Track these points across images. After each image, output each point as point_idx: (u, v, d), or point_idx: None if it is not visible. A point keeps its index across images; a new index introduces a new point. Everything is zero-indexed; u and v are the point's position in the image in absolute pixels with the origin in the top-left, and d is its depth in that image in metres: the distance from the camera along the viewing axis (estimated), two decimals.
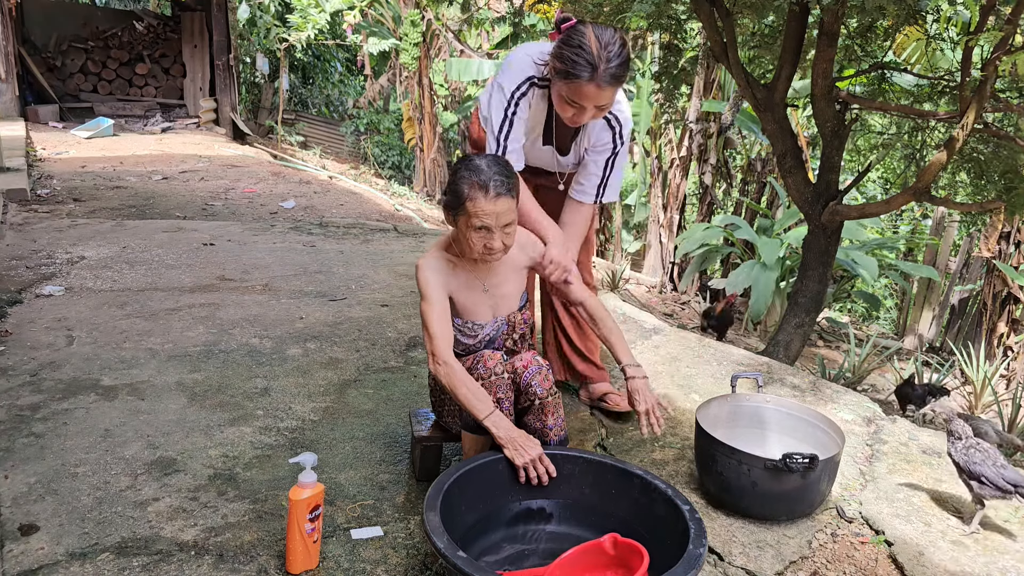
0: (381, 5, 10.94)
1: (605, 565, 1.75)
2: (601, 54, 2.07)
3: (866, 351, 4.51)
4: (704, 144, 7.58)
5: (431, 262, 2.15)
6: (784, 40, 3.65)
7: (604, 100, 2.15)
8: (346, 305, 3.92)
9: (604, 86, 2.10)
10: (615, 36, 2.11)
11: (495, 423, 1.97)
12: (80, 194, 6.54)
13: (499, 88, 2.33)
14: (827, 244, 3.85)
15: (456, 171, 2.04)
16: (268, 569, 1.86)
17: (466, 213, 2.00)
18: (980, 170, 3.89)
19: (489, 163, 2.02)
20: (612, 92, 2.14)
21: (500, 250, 2.06)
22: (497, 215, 1.99)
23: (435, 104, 10.77)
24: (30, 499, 2.09)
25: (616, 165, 2.46)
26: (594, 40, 2.07)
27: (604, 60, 2.07)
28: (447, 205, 2.06)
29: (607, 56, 2.07)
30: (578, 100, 2.14)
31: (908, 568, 1.99)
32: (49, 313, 3.53)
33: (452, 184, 2.03)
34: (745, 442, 2.24)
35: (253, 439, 2.49)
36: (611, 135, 2.40)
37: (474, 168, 2.01)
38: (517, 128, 2.35)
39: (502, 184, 1.99)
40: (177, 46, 12.34)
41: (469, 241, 2.04)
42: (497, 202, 1.98)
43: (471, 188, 1.98)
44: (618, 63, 2.09)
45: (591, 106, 2.16)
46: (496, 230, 2.01)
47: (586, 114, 2.19)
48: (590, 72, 2.08)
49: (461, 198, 2.00)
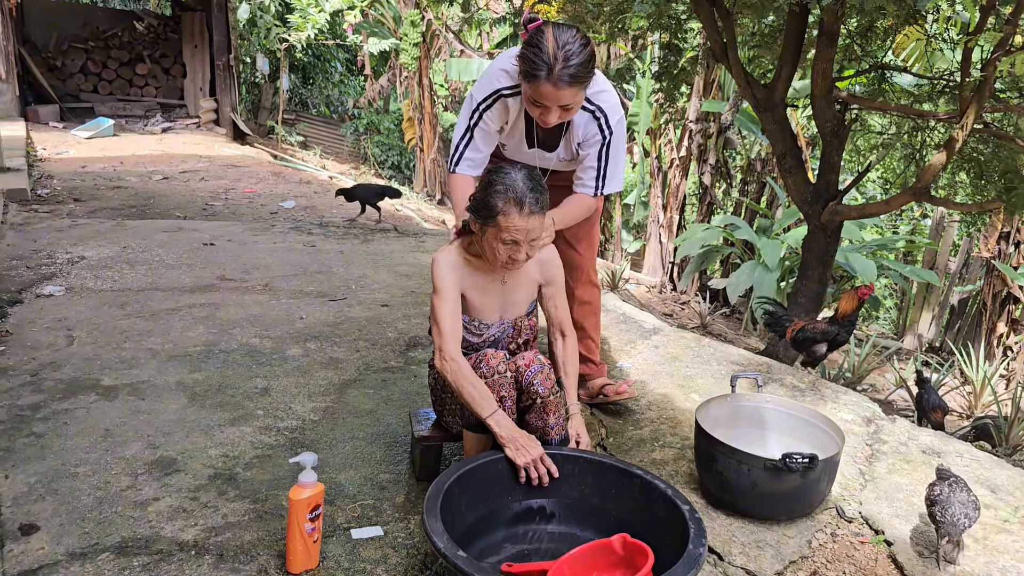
0: (381, 5, 10.94)
1: (613, 564, 1.75)
2: (557, 54, 2.07)
3: (866, 351, 4.51)
4: (704, 144, 7.58)
5: (449, 257, 2.15)
6: (784, 40, 3.65)
7: (565, 100, 2.14)
8: (346, 305, 3.92)
9: (561, 86, 2.10)
10: (575, 36, 2.11)
11: (498, 422, 1.98)
12: (80, 194, 6.55)
13: (470, 97, 2.40)
14: (827, 244, 3.86)
15: (491, 183, 2.03)
16: (268, 569, 1.86)
17: (497, 226, 2.00)
18: (980, 170, 3.90)
19: (524, 178, 2.02)
20: (572, 92, 2.13)
21: (523, 261, 2.08)
22: (528, 231, 2.01)
23: (435, 104, 10.77)
24: (30, 499, 2.09)
25: (611, 156, 2.43)
26: (551, 40, 2.08)
27: (561, 60, 2.07)
28: (476, 213, 2.05)
29: (564, 56, 2.07)
30: (539, 100, 2.16)
31: (908, 568, 1.99)
32: (49, 313, 3.53)
33: (486, 196, 2.02)
34: (745, 442, 2.24)
35: (253, 439, 2.50)
36: (596, 126, 2.38)
37: (510, 183, 2.00)
38: (478, 139, 2.42)
39: (536, 202, 2.01)
40: (177, 46, 12.35)
41: (495, 251, 2.05)
42: (530, 219, 2.00)
43: (505, 203, 1.98)
44: (576, 63, 2.09)
45: (554, 106, 2.16)
46: (524, 244, 2.03)
47: (551, 114, 2.19)
48: (546, 72, 2.08)
49: (494, 211, 1.99)
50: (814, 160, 7.67)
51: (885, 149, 5.57)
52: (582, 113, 2.35)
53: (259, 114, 13.49)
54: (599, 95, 2.34)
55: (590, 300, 2.84)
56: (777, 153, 3.85)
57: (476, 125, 2.41)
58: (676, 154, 7.83)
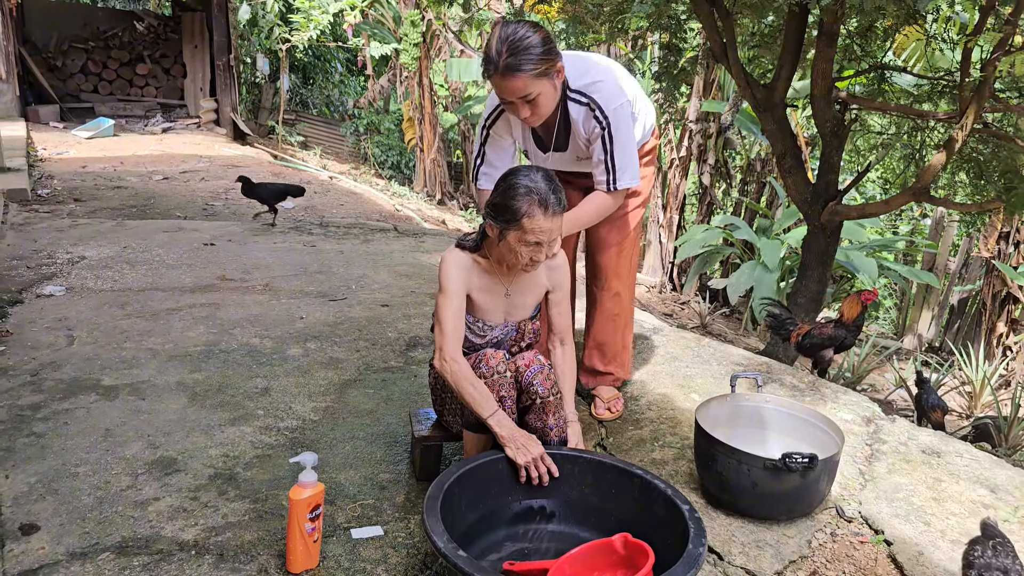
0: (381, 5, 10.93)
1: (614, 564, 1.75)
2: (500, 48, 2.10)
3: (865, 351, 4.51)
4: (704, 144, 7.58)
5: (458, 258, 2.15)
6: (784, 40, 3.65)
7: (519, 91, 2.15)
8: (346, 305, 3.92)
9: (507, 75, 2.12)
10: (521, 27, 2.13)
11: (498, 422, 1.98)
12: (81, 194, 6.55)
13: (481, 116, 2.47)
14: (826, 244, 3.86)
15: (511, 186, 2.01)
16: (268, 568, 1.86)
17: (521, 229, 2.00)
18: (979, 170, 3.89)
19: (544, 178, 2.02)
20: (524, 82, 2.13)
21: (541, 263, 2.09)
22: (552, 231, 2.02)
23: (435, 104, 10.77)
24: (31, 499, 2.09)
25: (616, 147, 2.36)
26: (496, 36, 2.12)
27: (504, 53, 2.10)
28: (496, 218, 2.03)
29: (508, 48, 2.09)
30: (500, 95, 2.20)
31: (907, 568, 2.00)
32: (50, 313, 3.53)
33: (507, 199, 2.01)
34: (745, 442, 2.24)
35: (253, 439, 2.50)
36: (593, 117, 2.35)
37: (532, 185, 2.00)
38: (491, 155, 2.47)
39: (558, 203, 2.02)
40: (177, 46, 12.35)
41: (516, 253, 2.04)
42: (554, 220, 2.01)
43: (530, 205, 1.98)
44: (521, 51, 2.10)
45: (513, 98, 2.18)
46: (546, 245, 2.04)
47: (520, 108, 2.20)
48: (493, 67, 2.13)
49: (518, 214, 1.99)
50: (814, 160, 7.67)
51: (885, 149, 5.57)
52: (578, 108, 2.35)
53: (259, 114, 13.49)
54: (591, 86, 2.33)
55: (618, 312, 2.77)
56: (777, 153, 3.85)
57: (486, 141, 2.48)
58: (676, 154, 7.83)
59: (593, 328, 2.81)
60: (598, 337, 2.81)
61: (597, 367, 2.84)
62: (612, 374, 2.86)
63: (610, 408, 2.79)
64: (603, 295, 2.76)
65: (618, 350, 2.84)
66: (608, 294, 2.75)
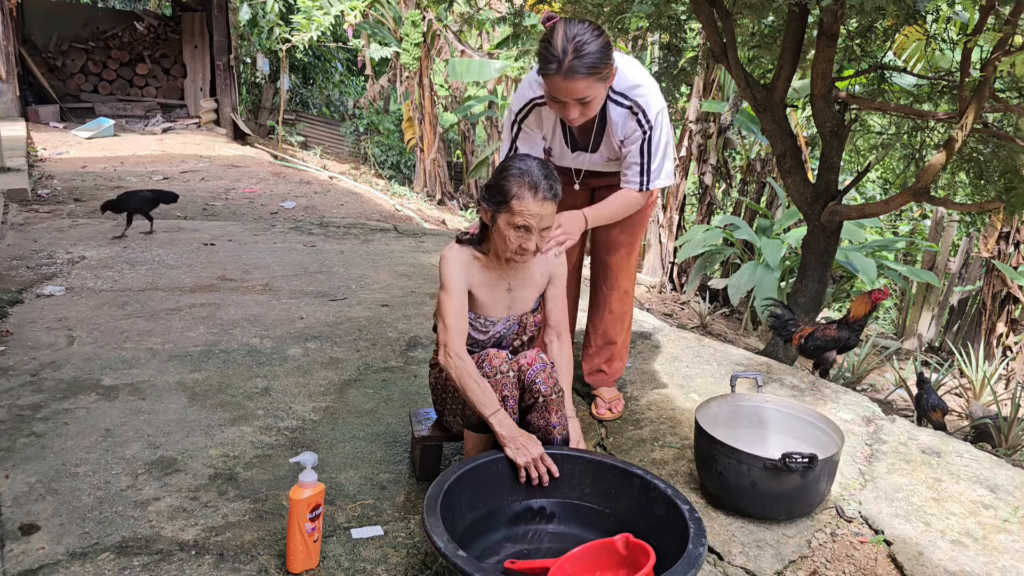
0: (381, 5, 10.93)
1: (616, 564, 1.75)
2: (567, 48, 2.07)
3: (865, 351, 4.51)
4: (704, 144, 7.58)
5: (457, 254, 2.15)
6: (784, 40, 3.65)
7: (579, 93, 2.13)
8: (346, 305, 3.92)
9: (571, 78, 2.09)
10: (586, 28, 2.10)
11: (500, 421, 1.98)
12: (81, 194, 6.55)
13: (509, 111, 2.44)
14: (826, 244, 3.86)
15: (505, 168, 2.05)
16: (268, 568, 1.86)
17: (510, 211, 2.01)
18: (979, 170, 3.89)
19: (539, 166, 2.05)
20: (586, 84, 2.11)
21: (532, 253, 2.09)
22: (540, 217, 2.02)
23: (435, 105, 10.77)
24: (31, 499, 2.09)
25: (653, 151, 2.38)
26: (561, 35, 2.08)
27: (571, 52, 2.07)
28: (488, 200, 2.07)
29: (574, 48, 2.07)
30: (555, 95, 2.16)
31: (907, 568, 2.00)
32: (50, 313, 3.53)
33: (499, 181, 2.04)
34: (745, 442, 2.24)
35: (253, 439, 2.50)
36: (635, 121, 2.35)
37: (525, 168, 2.03)
38: (523, 148, 2.46)
39: (549, 189, 2.03)
40: (178, 46, 12.35)
41: (506, 239, 2.05)
42: (543, 205, 2.01)
43: (520, 187, 2.00)
44: (586, 54, 2.07)
45: (570, 100, 2.15)
46: (535, 232, 2.04)
47: (571, 109, 2.18)
48: (556, 66, 2.09)
49: (508, 196, 2.01)
50: (814, 160, 7.67)
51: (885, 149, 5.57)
52: (619, 110, 2.34)
53: (259, 114, 13.50)
54: (634, 90, 2.32)
55: (626, 311, 2.80)
56: (777, 153, 3.85)
57: (517, 137, 2.47)
58: (676, 154, 7.83)
59: (601, 327, 2.81)
60: (608, 336, 2.81)
61: (603, 367, 2.84)
62: (616, 373, 2.87)
63: (611, 408, 2.79)
64: (613, 295, 2.76)
65: (623, 349, 2.85)
66: (618, 293, 2.76)
